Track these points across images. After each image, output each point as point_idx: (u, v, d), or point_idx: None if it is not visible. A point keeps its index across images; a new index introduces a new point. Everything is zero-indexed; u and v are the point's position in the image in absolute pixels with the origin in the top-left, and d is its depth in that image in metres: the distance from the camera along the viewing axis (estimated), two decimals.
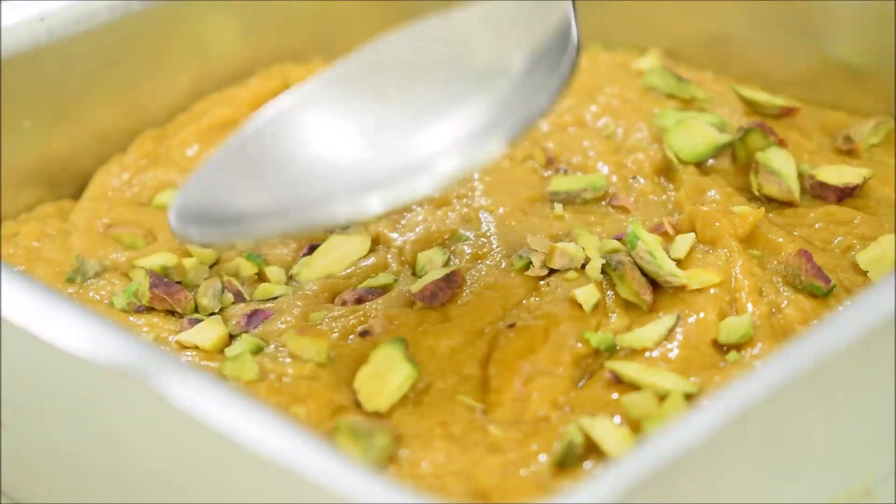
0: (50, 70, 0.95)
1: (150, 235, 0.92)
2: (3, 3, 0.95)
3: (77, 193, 0.97)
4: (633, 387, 0.75)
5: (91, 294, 0.86)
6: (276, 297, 0.85)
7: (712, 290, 0.80)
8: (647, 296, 0.80)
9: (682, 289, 0.81)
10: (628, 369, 0.75)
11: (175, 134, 1.00)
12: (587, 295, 0.80)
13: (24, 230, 0.92)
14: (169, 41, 1.01)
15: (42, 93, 0.95)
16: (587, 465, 0.70)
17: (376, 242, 0.89)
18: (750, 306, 0.79)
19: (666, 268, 0.81)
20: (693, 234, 0.84)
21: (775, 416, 0.63)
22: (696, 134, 0.93)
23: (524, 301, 0.82)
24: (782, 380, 0.63)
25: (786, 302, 0.80)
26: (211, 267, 0.88)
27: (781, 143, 0.92)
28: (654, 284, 0.81)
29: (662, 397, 0.73)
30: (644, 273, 0.81)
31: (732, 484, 0.64)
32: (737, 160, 0.93)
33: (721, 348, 0.78)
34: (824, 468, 0.70)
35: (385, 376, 0.75)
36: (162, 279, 0.85)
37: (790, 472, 0.67)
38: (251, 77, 1.05)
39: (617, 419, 0.73)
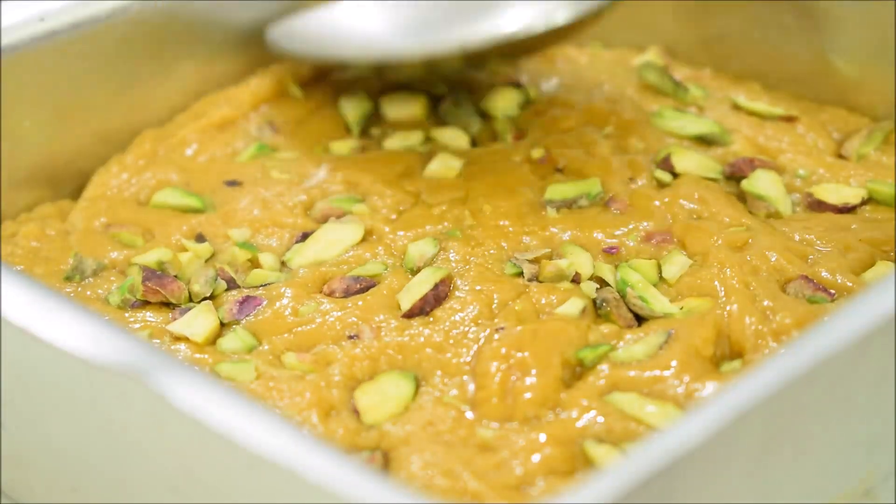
0: (50, 70, 0.95)
1: (149, 234, 0.92)
2: (3, 3, 0.95)
3: (76, 193, 0.97)
4: (623, 388, 0.75)
5: (89, 293, 0.86)
6: (267, 284, 0.85)
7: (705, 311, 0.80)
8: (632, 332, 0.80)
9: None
10: (623, 402, 0.75)
11: (175, 134, 1.00)
12: (574, 304, 0.80)
13: (23, 230, 0.92)
14: (169, 42, 1.01)
15: (42, 93, 0.95)
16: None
17: (370, 234, 0.89)
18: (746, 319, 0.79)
19: (658, 309, 0.81)
20: (686, 259, 0.84)
21: (775, 417, 0.63)
22: (692, 159, 0.93)
23: (512, 303, 0.81)
24: (782, 380, 0.63)
25: (781, 308, 0.80)
26: (207, 261, 0.88)
27: (765, 165, 0.92)
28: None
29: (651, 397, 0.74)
30: (631, 308, 0.81)
31: (732, 484, 0.64)
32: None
33: (716, 357, 0.78)
34: (824, 468, 0.70)
35: (391, 400, 0.76)
36: (154, 272, 0.85)
37: (790, 471, 0.67)
38: (251, 77, 1.05)
39: None
